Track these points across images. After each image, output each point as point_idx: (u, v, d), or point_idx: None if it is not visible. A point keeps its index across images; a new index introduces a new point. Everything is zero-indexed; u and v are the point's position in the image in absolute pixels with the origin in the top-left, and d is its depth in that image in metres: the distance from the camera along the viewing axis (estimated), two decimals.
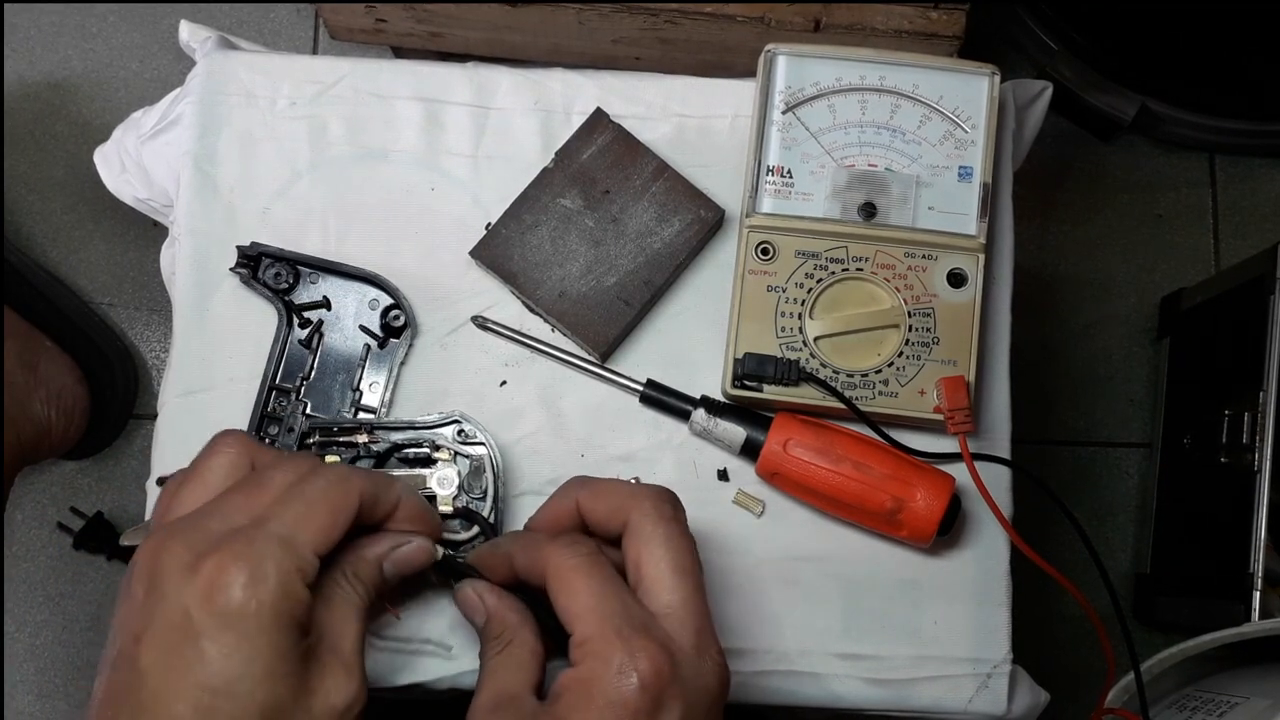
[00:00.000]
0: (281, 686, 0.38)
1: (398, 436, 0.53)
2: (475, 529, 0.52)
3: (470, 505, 0.52)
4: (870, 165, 0.56)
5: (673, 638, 0.41)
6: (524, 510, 0.54)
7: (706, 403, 0.55)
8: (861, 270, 0.55)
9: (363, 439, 0.53)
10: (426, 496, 0.52)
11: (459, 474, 0.52)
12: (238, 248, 0.56)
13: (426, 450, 0.53)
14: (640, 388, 0.56)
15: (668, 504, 0.45)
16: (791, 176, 0.56)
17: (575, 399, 0.57)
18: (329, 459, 0.53)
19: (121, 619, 0.40)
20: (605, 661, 0.40)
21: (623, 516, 0.44)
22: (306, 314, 0.57)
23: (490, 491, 0.53)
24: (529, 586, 0.46)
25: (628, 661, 0.39)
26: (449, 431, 0.53)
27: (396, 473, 0.51)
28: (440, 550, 0.47)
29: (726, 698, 0.43)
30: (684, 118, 0.60)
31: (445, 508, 0.52)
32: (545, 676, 0.44)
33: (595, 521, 0.46)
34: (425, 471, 0.52)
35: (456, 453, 0.53)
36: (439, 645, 0.53)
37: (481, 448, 0.53)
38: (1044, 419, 1.07)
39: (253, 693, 0.37)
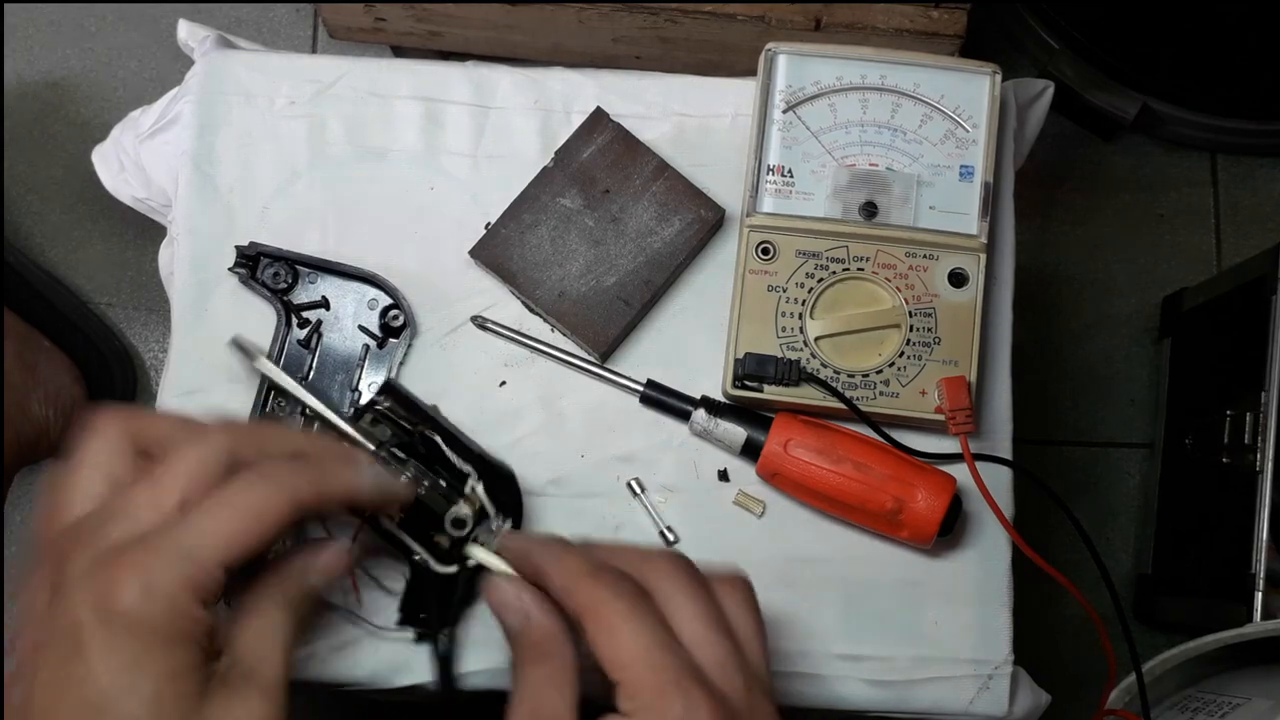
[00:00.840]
0: (168, 709, 0.36)
1: (450, 451, 0.50)
2: (454, 568, 0.50)
3: (464, 547, 0.50)
4: (871, 165, 0.55)
5: (724, 690, 0.39)
6: (529, 518, 0.54)
7: (707, 403, 0.55)
8: (862, 270, 0.55)
9: (420, 429, 0.50)
10: (436, 519, 0.49)
11: (473, 521, 0.49)
12: (236, 248, 0.56)
13: (465, 482, 0.50)
14: (640, 388, 0.56)
15: (685, 564, 0.42)
16: (792, 176, 0.56)
17: (575, 399, 0.57)
18: (381, 429, 0.49)
19: (23, 624, 0.38)
20: (663, 714, 0.37)
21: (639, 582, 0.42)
22: (305, 314, 0.56)
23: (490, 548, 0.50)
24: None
25: (686, 715, 0.37)
26: (494, 477, 0.51)
27: (429, 481, 0.48)
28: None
29: None
30: (684, 117, 0.59)
31: (442, 540, 0.49)
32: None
33: None
34: (450, 499, 0.49)
35: (483, 505, 0.50)
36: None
37: (508, 517, 0.51)
38: (1045, 419, 1.07)
39: (136, 714, 0.35)
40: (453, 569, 0.50)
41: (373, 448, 0.48)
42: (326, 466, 0.42)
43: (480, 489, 0.50)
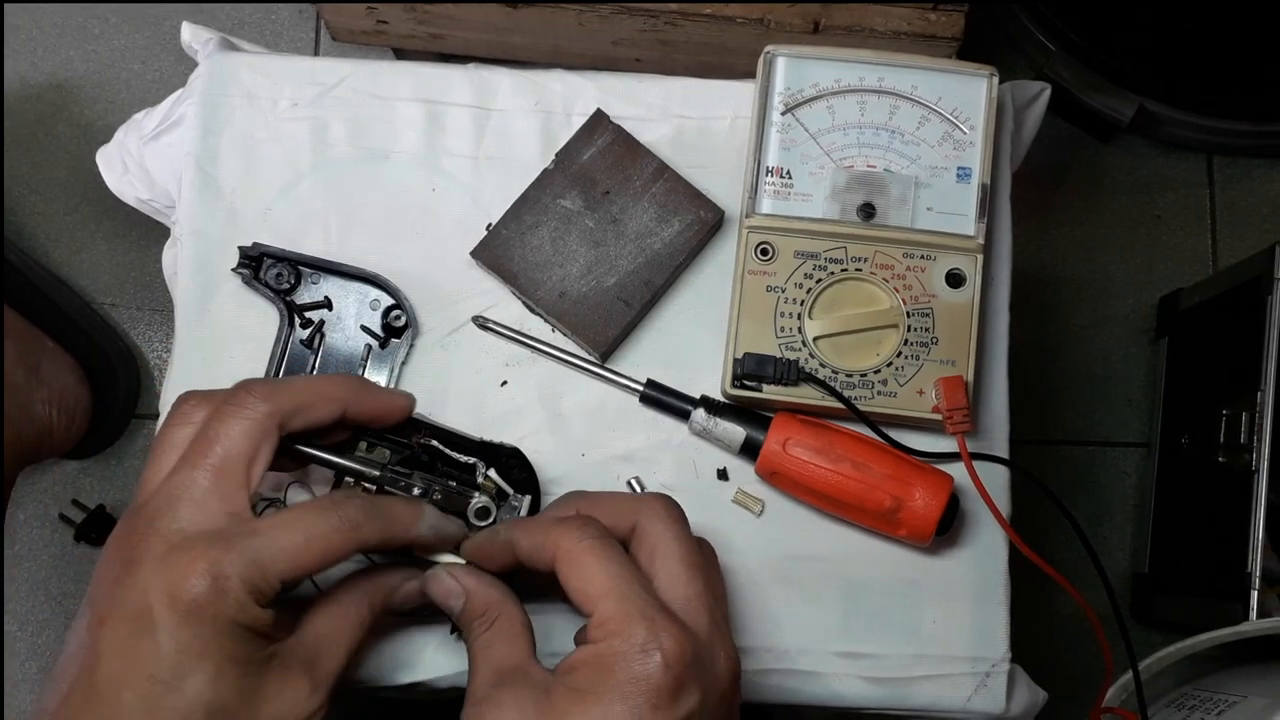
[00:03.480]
0: (229, 689, 0.39)
1: (452, 449, 0.51)
2: None
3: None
4: (869, 166, 0.56)
5: (688, 623, 0.41)
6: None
7: (706, 403, 0.56)
8: (860, 270, 0.55)
9: (418, 438, 0.50)
10: (460, 517, 0.50)
11: (496, 508, 0.50)
12: (239, 248, 0.56)
13: (475, 474, 0.51)
14: (640, 388, 0.56)
15: (675, 507, 0.45)
16: (791, 177, 0.56)
17: (575, 399, 0.57)
18: (379, 450, 0.50)
19: (92, 598, 0.40)
20: (628, 639, 0.40)
21: (630, 520, 0.44)
22: (308, 314, 0.57)
23: None
24: (524, 572, 0.46)
25: (651, 640, 0.40)
26: (502, 461, 0.51)
27: (439, 485, 0.49)
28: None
29: (739, 694, 0.43)
30: (684, 119, 0.60)
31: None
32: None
33: None
34: (467, 493, 0.50)
35: (500, 487, 0.51)
36: None
37: (526, 492, 0.51)
38: (1043, 419, 1.08)
39: (200, 691, 0.38)
40: None
41: (376, 473, 0.48)
42: (396, 519, 0.45)
43: (493, 473, 0.51)
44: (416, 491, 0.49)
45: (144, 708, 0.38)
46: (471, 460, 0.51)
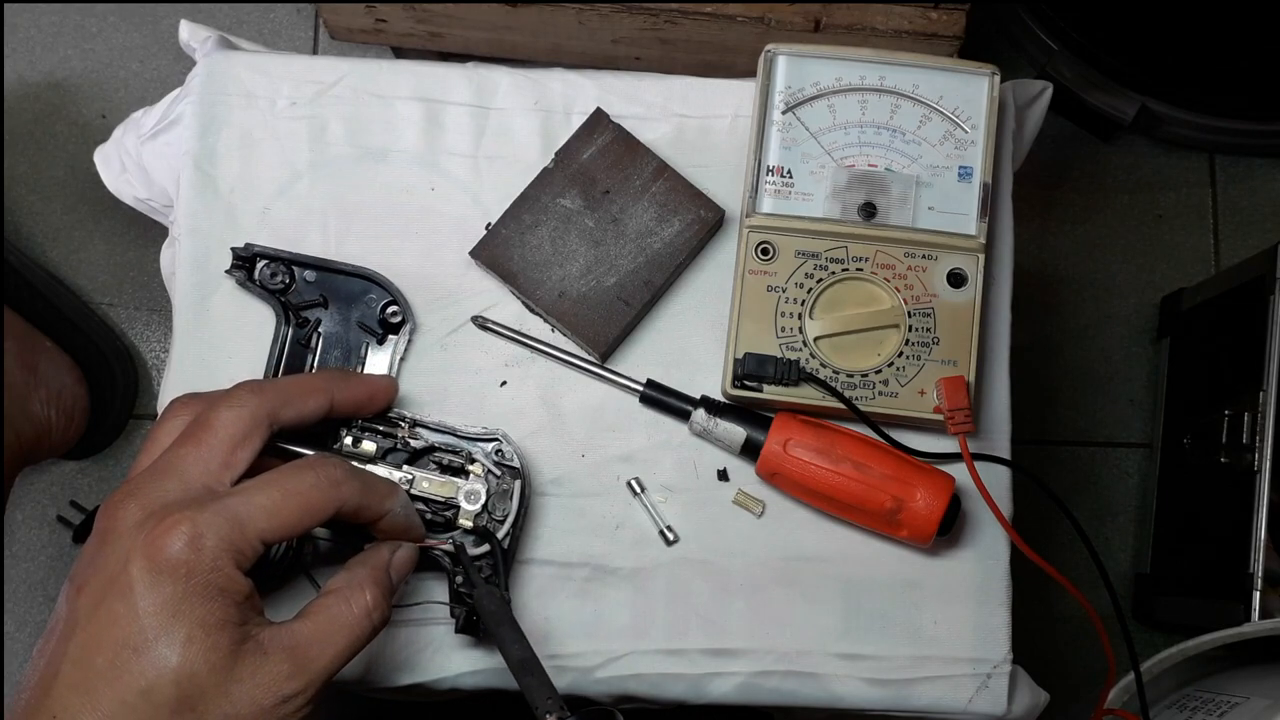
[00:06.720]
0: (199, 658, 0.38)
1: (437, 439, 0.52)
2: (486, 546, 0.51)
3: (489, 525, 0.52)
4: (870, 165, 0.56)
5: None
6: (530, 517, 0.54)
7: (706, 403, 0.55)
8: (861, 270, 0.55)
9: (403, 432, 0.52)
10: (451, 506, 0.51)
11: (487, 493, 0.52)
12: (232, 249, 0.56)
13: (461, 460, 0.52)
14: (640, 388, 0.56)
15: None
16: (791, 176, 0.56)
17: (575, 399, 0.57)
18: (365, 445, 0.51)
19: (74, 572, 0.41)
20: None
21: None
22: (304, 313, 0.57)
23: (512, 517, 0.52)
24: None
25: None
26: (488, 447, 0.53)
27: (428, 475, 0.51)
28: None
29: None
30: (684, 118, 0.60)
31: (465, 522, 0.51)
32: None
33: None
34: (456, 481, 0.51)
35: (489, 471, 0.52)
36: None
37: (515, 475, 0.52)
38: (1044, 419, 1.08)
39: (168, 657, 0.37)
40: (486, 548, 0.51)
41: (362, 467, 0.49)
42: (373, 487, 0.45)
43: (479, 454, 0.52)
44: (400, 480, 0.50)
45: (112, 674, 0.37)
46: (458, 448, 0.52)
